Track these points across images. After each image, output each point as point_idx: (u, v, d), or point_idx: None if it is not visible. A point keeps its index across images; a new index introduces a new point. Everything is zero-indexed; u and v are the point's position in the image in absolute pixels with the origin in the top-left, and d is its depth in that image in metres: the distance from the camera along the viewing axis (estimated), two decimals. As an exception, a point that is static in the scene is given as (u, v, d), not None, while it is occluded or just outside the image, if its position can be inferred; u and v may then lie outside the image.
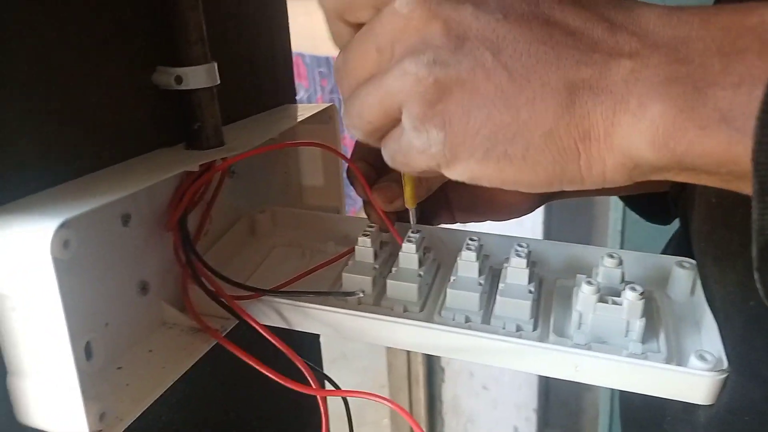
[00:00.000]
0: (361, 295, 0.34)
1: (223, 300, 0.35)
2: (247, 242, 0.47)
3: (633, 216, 0.55)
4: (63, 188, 0.31)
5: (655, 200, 0.49)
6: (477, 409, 1.60)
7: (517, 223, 1.55)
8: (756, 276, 0.22)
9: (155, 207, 0.38)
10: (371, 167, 0.42)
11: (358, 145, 0.43)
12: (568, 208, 1.43)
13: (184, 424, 0.43)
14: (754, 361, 0.30)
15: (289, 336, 0.37)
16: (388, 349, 1.63)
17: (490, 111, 0.24)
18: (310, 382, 0.32)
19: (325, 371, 0.44)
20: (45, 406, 0.29)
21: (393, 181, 0.40)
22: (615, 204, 1.21)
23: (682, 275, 0.38)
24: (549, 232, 1.41)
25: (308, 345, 0.57)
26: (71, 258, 0.29)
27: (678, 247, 0.44)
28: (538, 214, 1.39)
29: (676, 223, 0.48)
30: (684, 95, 0.22)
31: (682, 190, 0.46)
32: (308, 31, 2.02)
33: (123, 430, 0.31)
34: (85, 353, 0.33)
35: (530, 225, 1.38)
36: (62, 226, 0.26)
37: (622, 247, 0.76)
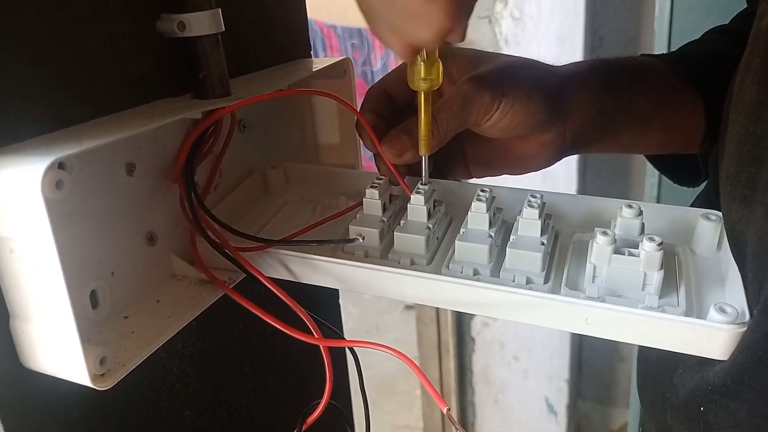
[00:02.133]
0: (360, 240, 0.33)
1: (227, 251, 0.35)
2: (259, 198, 0.46)
3: (670, 182, 0.52)
4: (63, 132, 0.31)
5: (684, 161, 0.47)
6: (508, 379, 1.60)
7: (551, 188, 1.52)
8: None
9: (161, 158, 0.37)
10: (381, 119, 0.40)
11: (368, 97, 0.42)
12: (603, 174, 1.39)
13: (197, 377, 0.43)
14: None
15: (306, 295, 0.37)
16: (418, 318, 1.62)
17: None
18: (313, 332, 0.32)
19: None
20: (46, 350, 0.29)
21: (403, 132, 0.39)
22: (651, 170, 1.17)
23: (708, 228, 0.35)
24: (583, 201, 1.37)
25: (327, 302, 0.57)
26: (67, 201, 0.29)
27: (703, 205, 0.42)
28: (572, 181, 1.35)
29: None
30: None
31: (713, 144, 0.43)
32: (340, 1, 1.99)
33: (125, 374, 0.31)
34: (91, 301, 0.33)
35: (563, 190, 1.34)
36: (53, 165, 0.26)
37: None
